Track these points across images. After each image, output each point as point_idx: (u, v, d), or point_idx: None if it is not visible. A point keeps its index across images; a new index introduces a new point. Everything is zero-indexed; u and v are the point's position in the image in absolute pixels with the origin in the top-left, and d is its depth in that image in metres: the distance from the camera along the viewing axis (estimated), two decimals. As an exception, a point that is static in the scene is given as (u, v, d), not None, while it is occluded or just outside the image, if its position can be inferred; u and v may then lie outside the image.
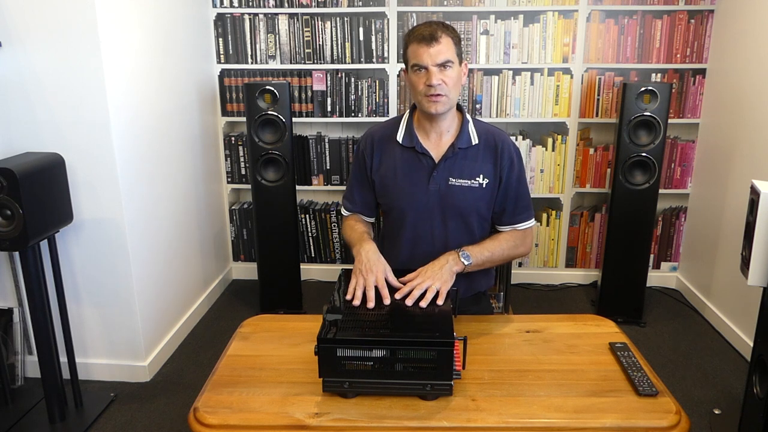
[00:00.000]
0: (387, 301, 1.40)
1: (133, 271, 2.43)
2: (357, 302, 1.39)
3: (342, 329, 1.27)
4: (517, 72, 3.19)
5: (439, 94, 1.58)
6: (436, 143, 1.70)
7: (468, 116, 1.72)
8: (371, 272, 1.47)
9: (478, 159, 1.68)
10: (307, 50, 3.23)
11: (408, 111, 1.76)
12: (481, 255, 1.63)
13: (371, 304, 1.38)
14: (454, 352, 1.21)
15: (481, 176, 1.68)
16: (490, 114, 3.25)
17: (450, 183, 1.67)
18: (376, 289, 1.43)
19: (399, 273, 1.52)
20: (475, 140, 1.69)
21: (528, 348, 1.45)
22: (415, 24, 3.14)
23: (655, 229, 3.37)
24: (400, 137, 1.71)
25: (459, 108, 1.73)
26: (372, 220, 1.84)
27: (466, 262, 1.58)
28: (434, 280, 1.45)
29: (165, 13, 2.72)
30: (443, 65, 1.58)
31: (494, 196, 1.71)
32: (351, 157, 3.33)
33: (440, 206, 1.69)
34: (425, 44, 1.57)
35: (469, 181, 1.68)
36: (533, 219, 1.78)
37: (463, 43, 3.15)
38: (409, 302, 1.40)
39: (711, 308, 3.03)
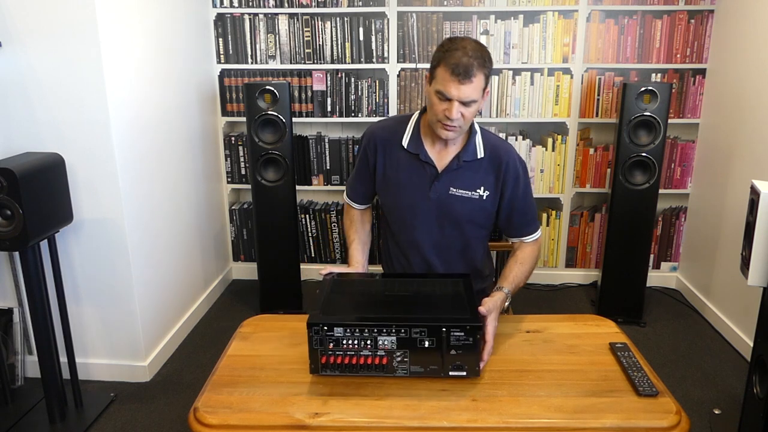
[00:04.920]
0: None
1: (133, 271, 2.43)
2: (324, 271, 1.55)
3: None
4: (517, 72, 3.19)
5: (454, 126, 1.58)
6: (441, 152, 1.70)
7: (476, 127, 1.71)
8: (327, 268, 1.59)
9: (480, 171, 1.68)
10: (307, 50, 3.23)
11: (417, 114, 1.75)
12: (515, 288, 1.64)
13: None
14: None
15: (482, 188, 1.69)
16: (490, 114, 3.25)
17: (450, 192, 1.68)
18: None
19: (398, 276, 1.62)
20: (480, 153, 1.68)
21: (528, 348, 1.45)
22: (415, 24, 3.14)
23: (655, 229, 3.37)
24: (405, 142, 1.71)
25: None
26: (366, 206, 1.90)
27: (508, 301, 1.60)
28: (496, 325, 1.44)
29: (165, 13, 2.72)
30: (467, 103, 1.55)
31: (494, 208, 1.73)
32: (351, 156, 3.33)
33: (438, 214, 1.71)
34: (457, 79, 1.50)
35: (469, 192, 1.68)
36: (540, 230, 1.80)
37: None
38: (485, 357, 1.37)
39: (711, 308, 3.03)
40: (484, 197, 1.69)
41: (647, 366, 1.36)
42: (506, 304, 1.58)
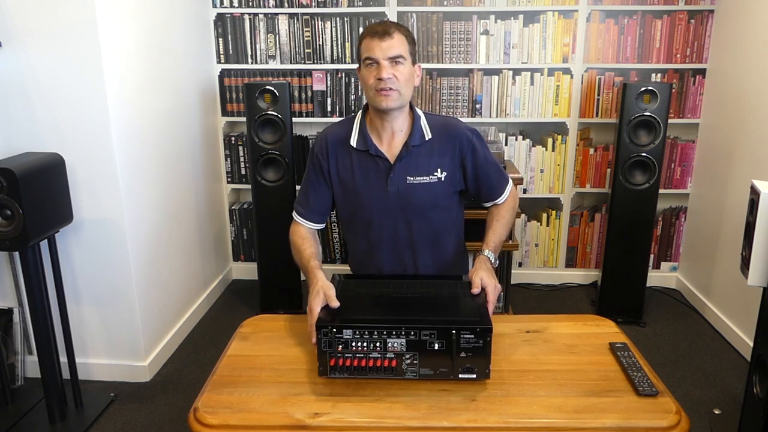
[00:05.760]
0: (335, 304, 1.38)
1: (133, 271, 2.43)
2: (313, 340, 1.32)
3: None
4: (517, 72, 3.19)
5: (390, 88, 1.57)
6: (390, 143, 1.69)
7: (419, 111, 1.71)
8: (311, 314, 1.37)
9: (434, 154, 1.68)
10: (307, 50, 3.23)
11: (360, 111, 1.74)
12: (498, 245, 1.68)
13: (313, 341, 1.32)
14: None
15: (439, 170, 1.68)
16: (490, 114, 3.25)
17: (408, 182, 1.67)
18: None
19: (384, 278, 1.64)
20: (428, 135, 1.68)
21: (528, 348, 1.44)
22: (415, 24, 3.14)
23: (655, 229, 3.37)
24: (353, 141, 1.69)
25: (411, 107, 1.71)
26: (321, 226, 1.79)
27: (495, 263, 1.62)
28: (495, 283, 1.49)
29: (165, 13, 2.72)
30: (395, 60, 1.57)
31: (456, 187, 1.72)
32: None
33: (400, 206, 1.69)
34: (377, 38, 1.57)
35: (427, 178, 1.67)
36: (510, 181, 1.80)
37: (463, 43, 3.16)
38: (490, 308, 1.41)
39: (711, 308, 3.03)
40: (443, 179, 1.68)
41: (647, 366, 1.35)
42: (493, 263, 1.60)
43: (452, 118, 1.75)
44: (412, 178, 1.67)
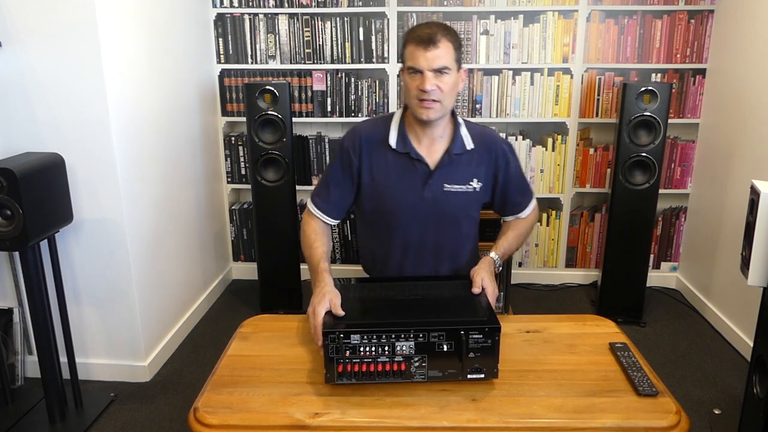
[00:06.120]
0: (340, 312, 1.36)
1: (132, 270, 2.43)
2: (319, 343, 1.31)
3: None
4: (517, 72, 3.19)
5: (433, 100, 1.53)
6: (430, 148, 1.66)
7: (459, 119, 1.69)
8: (316, 316, 1.35)
9: (472, 163, 1.67)
10: (307, 50, 3.23)
11: (400, 111, 1.70)
12: (506, 253, 1.70)
13: (319, 343, 1.30)
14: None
15: (475, 180, 1.68)
16: (490, 114, 3.25)
17: (445, 189, 1.66)
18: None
19: (391, 281, 1.63)
20: (470, 145, 1.66)
21: (528, 348, 1.45)
22: (415, 24, 3.14)
23: (655, 229, 3.37)
24: (392, 141, 1.65)
25: (452, 113, 1.68)
26: (337, 222, 1.74)
27: (499, 268, 1.64)
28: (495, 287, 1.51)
29: (165, 13, 2.72)
30: (439, 71, 1.52)
31: (486, 197, 1.72)
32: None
33: (434, 212, 1.67)
34: (423, 47, 1.50)
35: (464, 186, 1.67)
36: (534, 199, 1.80)
37: (463, 43, 3.15)
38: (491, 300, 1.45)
39: (711, 308, 3.03)
40: (477, 189, 1.68)
41: (647, 366, 1.36)
42: (496, 267, 1.61)
43: (490, 128, 1.75)
44: (449, 186, 1.65)
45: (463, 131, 1.68)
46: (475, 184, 1.67)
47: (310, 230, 1.68)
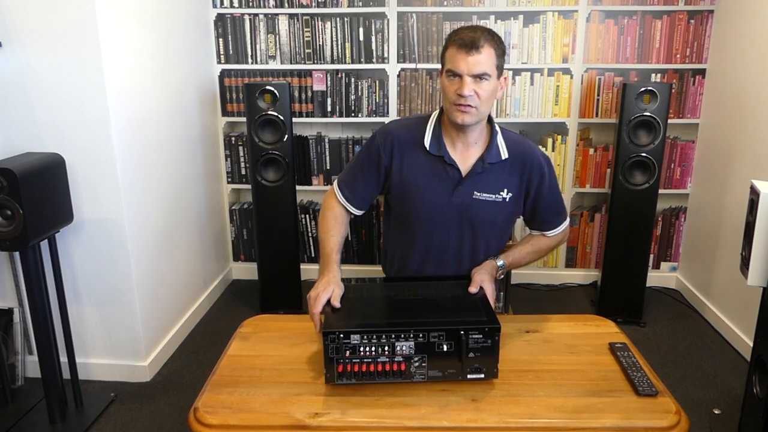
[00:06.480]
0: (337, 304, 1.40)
1: (133, 270, 2.43)
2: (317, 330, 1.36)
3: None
4: (517, 72, 3.19)
5: (469, 105, 1.50)
6: (463, 154, 1.63)
7: (497, 127, 1.66)
8: (317, 302, 1.39)
9: (504, 173, 1.63)
10: (307, 50, 3.23)
11: (436, 114, 1.67)
12: (513, 264, 1.70)
13: (317, 329, 1.36)
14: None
15: (505, 190, 1.64)
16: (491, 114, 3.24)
17: (474, 197, 1.63)
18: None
19: (408, 280, 1.65)
20: (504, 155, 1.63)
21: (528, 348, 1.45)
22: (415, 24, 3.14)
23: (655, 229, 3.37)
24: (427, 143, 1.62)
25: (488, 119, 1.66)
26: (360, 213, 1.74)
27: (501, 275, 1.64)
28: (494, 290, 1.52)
29: (165, 14, 2.72)
30: (479, 77, 1.49)
31: (517, 208, 1.69)
32: (351, 157, 3.32)
33: (460, 218, 1.65)
34: (464, 51, 1.47)
35: (493, 196, 1.63)
36: (567, 220, 1.76)
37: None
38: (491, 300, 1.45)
39: (711, 308, 3.03)
40: (507, 199, 1.64)
41: (647, 366, 1.36)
42: (499, 273, 1.60)
43: (527, 139, 1.71)
44: (479, 194, 1.63)
45: (500, 139, 1.64)
46: (506, 195, 1.64)
47: (330, 215, 1.68)
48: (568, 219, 1.77)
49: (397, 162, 1.65)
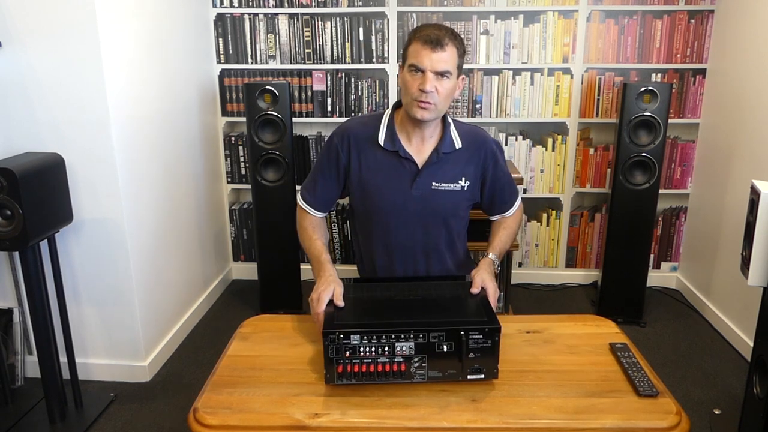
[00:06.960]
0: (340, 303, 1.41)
1: (133, 270, 2.43)
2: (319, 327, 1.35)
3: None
4: (517, 72, 3.19)
5: (428, 102, 1.54)
6: (419, 147, 1.67)
7: (449, 119, 1.69)
8: (320, 302, 1.41)
9: (460, 162, 1.68)
10: (307, 50, 3.23)
11: (389, 110, 1.70)
12: (502, 252, 1.72)
13: (319, 327, 1.34)
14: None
15: (463, 179, 1.68)
16: (491, 114, 3.25)
17: (433, 187, 1.66)
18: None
19: (391, 281, 1.64)
20: (458, 144, 1.67)
21: (528, 348, 1.44)
22: (415, 24, 3.14)
23: (655, 229, 3.37)
24: (381, 140, 1.66)
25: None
26: (325, 215, 1.79)
27: (497, 268, 1.65)
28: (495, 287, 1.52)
29: (165, 13, 2.72)
30: (441, 74, 1.53)
31: (474, 196, 1.73)
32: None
33: (422, 211, 1.68)
34: (429, 47, 1.51)
35: (451, 185, 1.67)
36: (519, 194, 1.83)
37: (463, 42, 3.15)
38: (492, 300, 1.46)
39: (711, 308, 3.03)
40: (465, 188, 1.68)
41: (647, 366, 1.36)
42: (495, 268, 1.62)
43: (479, 128, 1.76)
44: (437, 185, 1.66)
45: (452, 130, 1.68)
46: (464, 183, 1.68)
47: (306, 223, 1.74)
48: (520, 195, 1.84)
49: (354, 161, 1.69)
